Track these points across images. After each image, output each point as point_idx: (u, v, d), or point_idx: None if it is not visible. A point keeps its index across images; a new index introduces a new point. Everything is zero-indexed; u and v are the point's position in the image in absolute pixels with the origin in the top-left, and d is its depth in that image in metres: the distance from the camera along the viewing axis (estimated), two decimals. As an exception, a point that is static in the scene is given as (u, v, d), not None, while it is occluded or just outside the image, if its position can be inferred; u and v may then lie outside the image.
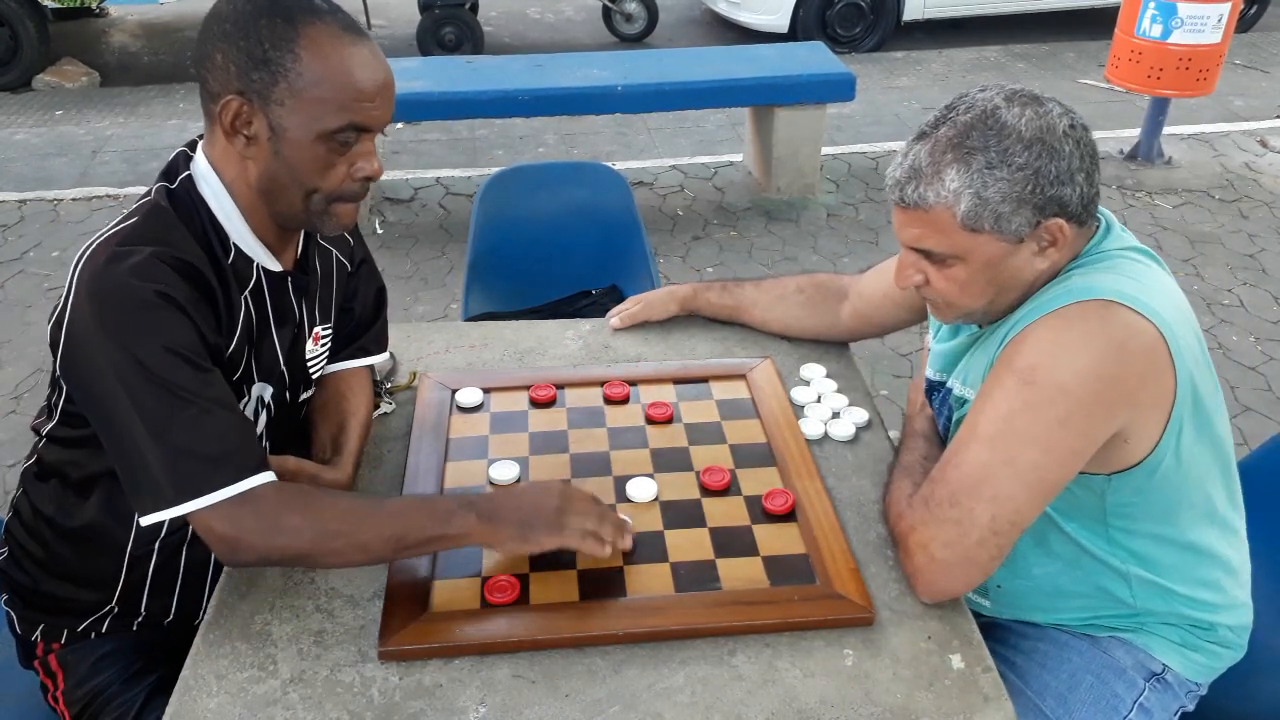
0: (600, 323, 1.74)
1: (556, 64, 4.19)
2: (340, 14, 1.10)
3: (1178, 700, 1.26)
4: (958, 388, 1.28)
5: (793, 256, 3.82)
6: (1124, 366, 1.09)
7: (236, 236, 1.16)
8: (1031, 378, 1.09)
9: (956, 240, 1.12)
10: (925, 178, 1.11)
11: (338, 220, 1.16)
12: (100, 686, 1.28)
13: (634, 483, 1.32)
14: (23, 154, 4.81)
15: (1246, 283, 3.59)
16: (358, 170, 1.13)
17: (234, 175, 1.13)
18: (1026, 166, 1.08)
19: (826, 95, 4.06)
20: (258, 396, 1.24)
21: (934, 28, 6.73)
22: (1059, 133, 1.09)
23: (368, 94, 1.09)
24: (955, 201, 1.10)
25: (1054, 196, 1.10)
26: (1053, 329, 1.10)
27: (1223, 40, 3.66)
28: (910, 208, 1.13)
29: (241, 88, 1.06)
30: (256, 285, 1.19)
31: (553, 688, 1.06)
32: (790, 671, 1.08)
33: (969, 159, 1.09)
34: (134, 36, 6.92)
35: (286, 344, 1.26)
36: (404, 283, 3.61)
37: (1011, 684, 1.25)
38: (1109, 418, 1.10)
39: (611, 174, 2.45)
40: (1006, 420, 1.10)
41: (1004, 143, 1.09)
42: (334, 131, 1.08)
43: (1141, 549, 1.21)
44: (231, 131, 1.09)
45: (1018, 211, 1.09)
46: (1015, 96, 1.12)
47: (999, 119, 1.10)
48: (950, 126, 1.11)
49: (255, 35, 1.05)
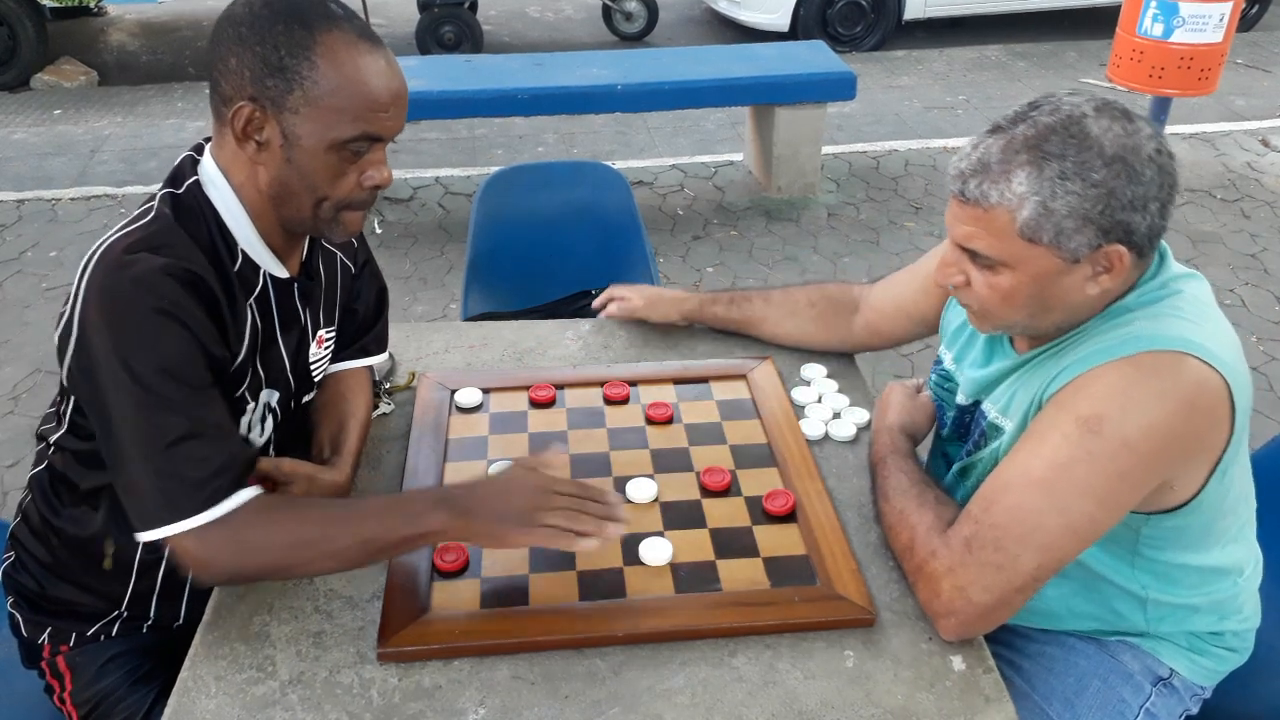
0: (600, 323, 1.73)
1: (556, 63, 4.18)
2: (357, 20, 1.08)
3: (1183, 704, 1.25)
4: (993, 414, 1.22)
5: (793, 256, 3.81)
6: (1190, 424, 1.04)
7: (244, 242, 1.15)
8: (1097, 428, 1.03)
9: (1010, 247, 1.06)
10: (992, 174, 1.04)
11: (345, 228, 1.15)
12: (108, 689, 1.27)
13: (634, 483, 1.31)
14: (21, 153, 4.80)
15: (1248, 283, 3.59)
16: (368, 179, 1.12)
17: (243, 180, 1.12)
18: (1102, 184, 1.01)
19: (827, 94, 4.06)
20: (264, 403, 1.23)
21: (935, 27, 6.73)
22: (1144, 155, 1.03)
23: (383, 104, 1.07)
24: (1018, 206, 1.03)
25: (1122, 221, 1.03)
26: (1124, 379, 1.04)
27: (1224, 39, 3.65)
28: (969, 203, 1.07)
29: (255, 93, 1.05)
30: (263, 292, 1.18)
31: (552, 689, 1.06)
32: (791, 673, 1.08)
33: (1043, 164, 1.02)
34: (132, 36, 6.91)
35: (292, 349, 1.26)
36: (403, 282, 3.61)
37: (1018, 688, 1.24)
38: (1164, 471, 1.07)
39: (611, 173, 2.45)
40: (1065, 469, 1.05)
41: (1083, 154, 1.02)
42: (347, 141, 1.07)
43: (1164, 573, 1.19)
44: (243, 137, 1.08)
45: (1081, 230, 1.03)
46: (1105, 108, 1.05)
47: (1084, 128, 1.03)
48: (1030, 126, 1.05)
49: (272, 41, 1.04)
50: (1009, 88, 5.63)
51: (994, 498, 1.09)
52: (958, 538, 1.10)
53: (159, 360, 1.02)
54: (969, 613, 1.08)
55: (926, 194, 4.26)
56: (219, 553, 1.05)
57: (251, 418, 1.21)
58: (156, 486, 1.03)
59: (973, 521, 1.10)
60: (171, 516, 1.03)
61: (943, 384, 1.37)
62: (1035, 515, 1.06)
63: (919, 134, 4.96)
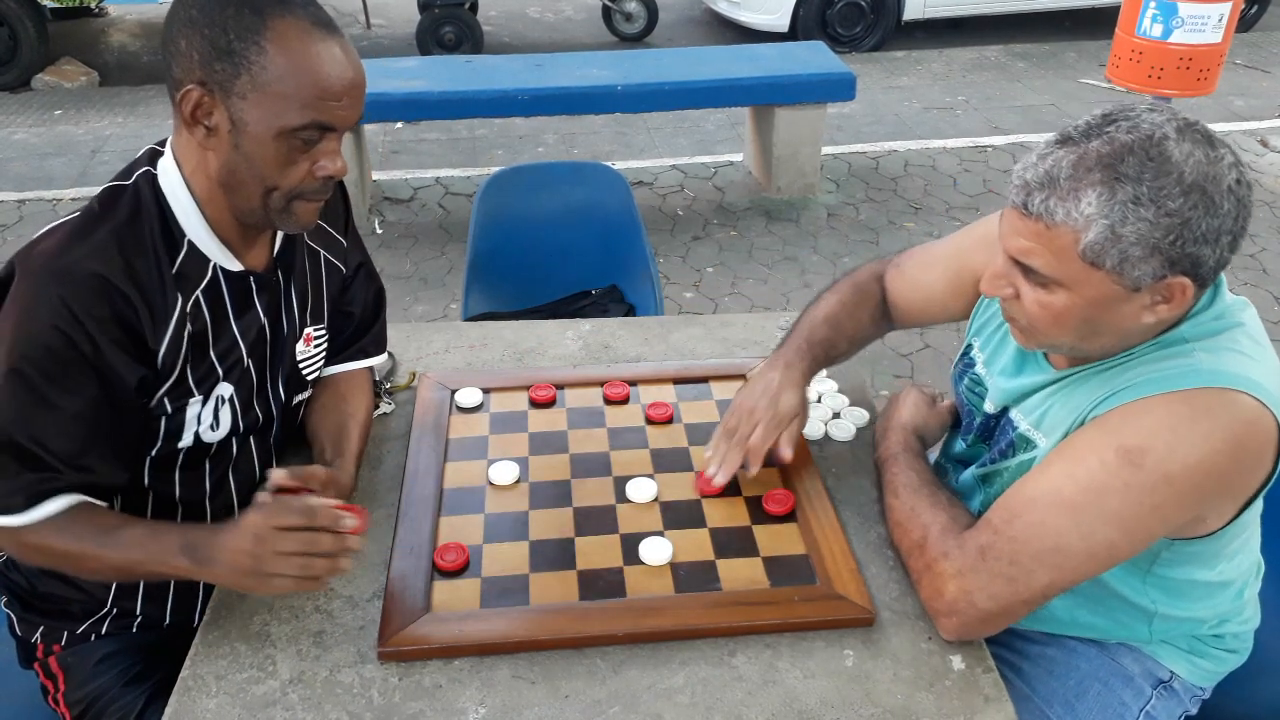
0: (600, 322, 1.73)
1: (556, 63, 4.18)
2: (313, 8, 1.07)
3: (1182, 706, 1.25)
4: (1024, 426, 1.18)
5: (792, 256, 3.82)
6: (1235, 463, 1.01)
7: (192, 233, 1.13)
8: (1140, 461, 0.99)
9: (1069, 268, 0.99)
10: (1060, 191, 0.97)
11: (297, 219, 1.14)
12: (101, 689, 1.27)
13: (634, 483, 1.31)
14: (22, 154, 4.80)
15: (1247, 283, 3.59)
16: (319, 169, 1.10)
17: (193, 167, 1.11)
18: (1176, 214, 0.94)
19: (827, 95, 4.06)
20: (218, 395, 1.21)
21: (934, 27, 6.73)
22: (1224, 186, 0.96)
23: (334, 93, 1.06)
24: (1085, 228, 0.96)
25: (1192, 254, 0.96)
26: (1174, 415, 1.00)
27: (1223, 40, 3.66)
28: (1031, 217, 1.00)
29: (204, 77, 1.04)
30: (211, 286, 1.17)
31: (553, 688, 1.06)
32: (790, 672, 1.08)
33: (1116, 186, 0.95)
34: (133, 36, 6.91)
35: (250, 342, 1.23)
36: (403, 283, 3.61)
37: (1018, 690, 1.24)
38: (1198, 508, 1.05)
39: (611, 174, 2.45)
40: (1098, 495, 1.01)
41: (1161, 180, 0.94)
42: (296, 129, 1.06)
43: (1174, 589, 1.18)
44: (192, 121, 1.07)
45: (1147, 259, 0.97)
46: (1188, 130, 0.97)
47: (1164, 151, 0.95)
48: (1105, 142, 0.97)
49: (221, 24, 1.02)
50: (1008, 88, 5.64)
51: (1018, 511, 1.07)
52: (973, 543, 1.09)
53: (36, 367, 1.05)
54: (971, 616, 1.08)
55: (926, 194, 4.26)
56: (6, 543, 1.13)
57: (202, 410, 1.19)
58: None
59: (992, 530, 1.08)
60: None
61: (973, 388, 1.32)
62: (1056, 536, 1.03)
63: (918, 134, 4.96)
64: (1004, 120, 5.16)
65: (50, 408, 1.06)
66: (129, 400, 1.11)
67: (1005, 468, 1.21)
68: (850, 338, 1.42)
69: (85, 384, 1.07)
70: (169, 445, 1.19)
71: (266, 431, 1.31)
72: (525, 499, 1.30)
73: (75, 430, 1.08)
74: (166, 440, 1.18)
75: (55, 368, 1.05)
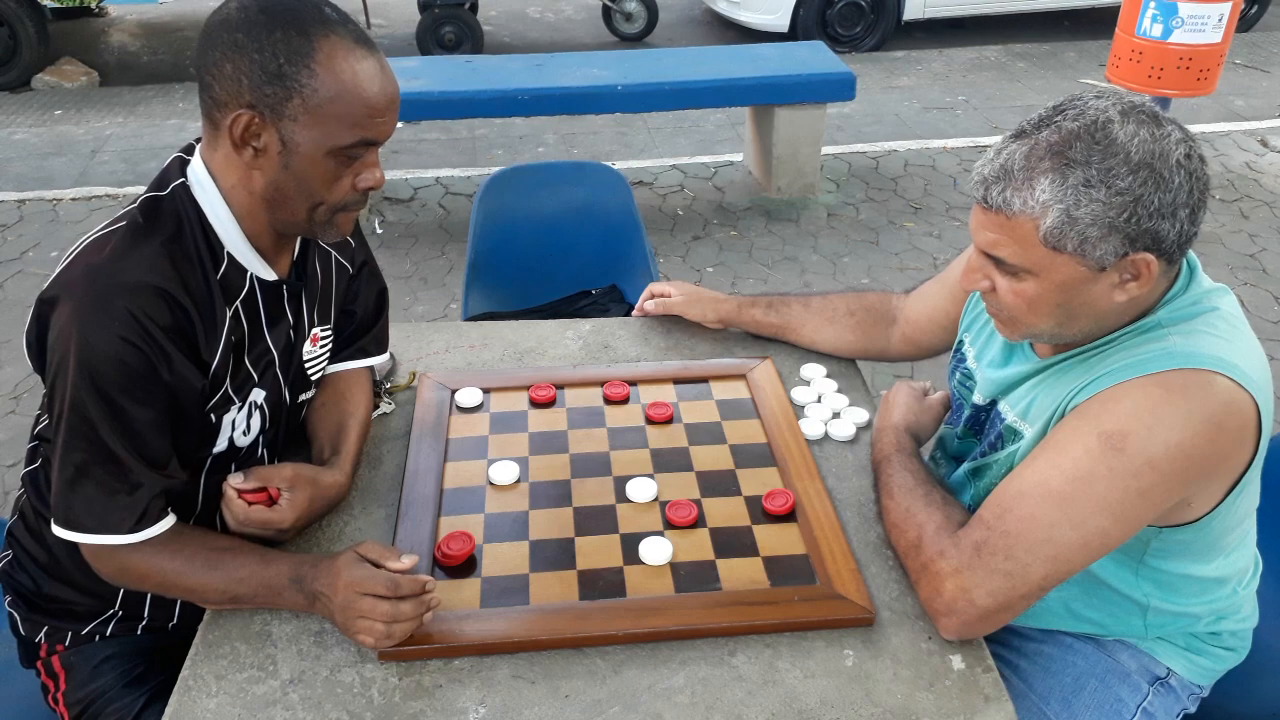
0: (600, 322, 1.74)
1: (556, 63, 4.18)
2: (351, 24, 1.09)
3: (1180, 703, 1.25)
4: (1011, 417, 1.21)
5: (792, 256, 3.82)
6: (1216, 445, 1.03)
7: (231, 246, 1.14)
8: (1121, 445, 1.02)
9: (1033, 255, 1.04)
10: (1015, 182, 1.03)
11: (338, 229, 1.16)
12: (100, 690, 1.28)
13: (634, 483, 1.31)
14: (22, 154, 4.80)
15: (1247, 283, 3.59)
16: (361, 181, 1.12)
17: (234, 182, 1.12)
18: (1127, 192, 0.99)
19: (826, 95, 4.06)
20: (252, 401, 1.23)
21: (934, 27, 6.73)
22: (1172, 161, 1.00)
23: (379, 109, 1.08)
24: (1042, 214, 1.01)
25: (1150, 230, 1.00)
26: (1152, 398, 1.03)
27: (1223, 40, 3.66)
28: (992, 210, 1.05)
29: (253, 100, 1.05)
30: (249, 295, 1.18)
31: (553, 688, 1.06)
32: (791, 672, 1.08)
33: (1066, 171, 1.00)
34: (133, 36, 6.91)
35: (280, 349, 1.26)
36: (404, 282, 3.61)
37: (1015, 687, 1.24)
38: (1184, 490, 1.06)
39: (611, 174, 2.45)
40: (1085, 483, 1.04)
41: (1108, 161, 0.99)
42: (346, 147, 1.08)
43: (1167, 583, 1.19)
44: (241, 144, 1.08)
45: (1106, 238, 1.01)
46: (1133, 112, 1.02)
47: (1109, 134, 1.00)
48: (1054, 131, 1.02)
49: (270, 49, 1.03)
50: (1008, 88, 5.64)
51: (1008, 505, 1.08)
52: (968, 541, 1.10)
53: (113, 386, 1.05)
54: (970, 614, 1.09)
55: (926, 194, 4.26)
56: (105, 566, 1.14)
57: (237, 415, 1.21)
58: (85, 494, 1.09)
59: (985, 527, 1.09)
60: (94, 527, 1.10)
61: (964, 382, 1.35)
62: (1049, 527, 1.05)
63: (918, 134, 4.96)
64: (1004, 120, 5.16)
65: (132, 419, 1.07)
66: (194, 408, 1.14)
67: (994, 461, 1.23)
68: (807, 305, 1.63)
69: (158, 393, 1.09)
70: (205, 450, 1.20)
71: (273, 431, 1.31)
72: (525, 499, 1.30)
73: (158, 440, 1.11)
74: (203, 445, 1.20)
75: (128, 379, 1.06)
